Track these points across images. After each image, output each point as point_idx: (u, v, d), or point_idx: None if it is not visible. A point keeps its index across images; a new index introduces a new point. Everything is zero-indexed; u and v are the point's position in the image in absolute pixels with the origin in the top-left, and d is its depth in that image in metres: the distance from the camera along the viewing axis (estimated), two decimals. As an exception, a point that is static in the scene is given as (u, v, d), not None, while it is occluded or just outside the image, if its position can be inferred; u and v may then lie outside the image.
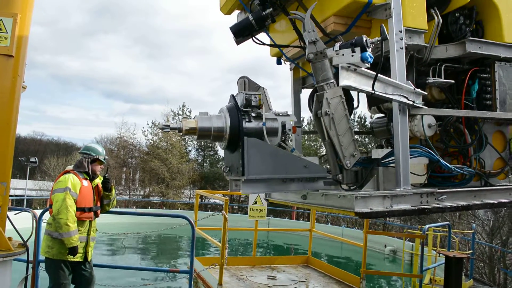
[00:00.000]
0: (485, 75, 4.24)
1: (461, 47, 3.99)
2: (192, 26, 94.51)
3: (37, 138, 63.23)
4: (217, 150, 41.73)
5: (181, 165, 35.91)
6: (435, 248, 11.00)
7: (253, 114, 3.80)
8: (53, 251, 5.31)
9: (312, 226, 9.24)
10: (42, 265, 5.64)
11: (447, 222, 11.48)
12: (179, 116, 40.61)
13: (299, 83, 5.28)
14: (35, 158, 26.60)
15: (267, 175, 3.65)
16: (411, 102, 3.60)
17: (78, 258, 5.41)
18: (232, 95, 3.93)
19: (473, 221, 21.76)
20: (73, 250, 5.27)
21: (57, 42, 74.70)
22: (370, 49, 3.22)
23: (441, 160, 3.88)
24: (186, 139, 40.95)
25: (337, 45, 3.29)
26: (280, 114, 4.00)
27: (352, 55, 3.19)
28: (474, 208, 3.96)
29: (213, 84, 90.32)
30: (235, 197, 34.16)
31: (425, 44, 3.81)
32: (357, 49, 3.17)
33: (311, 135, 33.89)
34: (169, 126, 3.69)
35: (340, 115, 3.41)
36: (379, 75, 3.39)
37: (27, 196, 27.33)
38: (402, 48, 3.60)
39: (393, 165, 3.77)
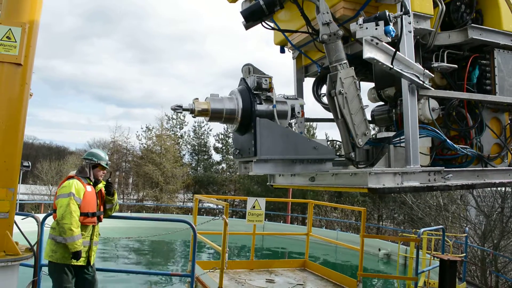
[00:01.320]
0: (485, 62, 4.40)
1: (463, 33, 4.15)
2: (185, 30, 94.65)
3: (28, 142, 62.85)
4: (211, 154, 41.83)
5: (175, 169, 35.89)
6: (430, 252, 11.16)
7: (263, 97, 3.90)
8: (56, 255, 5.38)
9: (309, 230, 9.35)
10: (44, 269, 5.71)
11: (441, 226, 11.64)
12: (173, 120, 40.66)
13: (301, 72, 5.38)
14: (28, 162, 26.47)
15: (278, 155, 3.75)
16: (421, 82, 3.73)
17: (81, 262, 5.48)
18: (243, 78, 4.02)
19: (465, 225, 21.99)
20: (77, 255, 5.34)
21: (50, 46, 74.61)
22: (392, 23, 3.33)
23: (448, 140, 4.05)
24: (180, 143, 40.97)
25: (360, 19, 3.39)
26: (290, 98, 4.11)
27: (376, 29, 3.29)
28: (477, 187, 4.16)
29: (206, 88, 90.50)
30: (229, 201, 34.20)
31: (431, 29, 3.94)
32: (381, 23, 3.28)
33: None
34: (181, 106, 3.68)
35: (353, 94, 3.55)
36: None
37: (19, 200, 27.16)
38: (410, 32, 3.73)
39: (402, 144, 3.91)
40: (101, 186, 5.95)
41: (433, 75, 3.91)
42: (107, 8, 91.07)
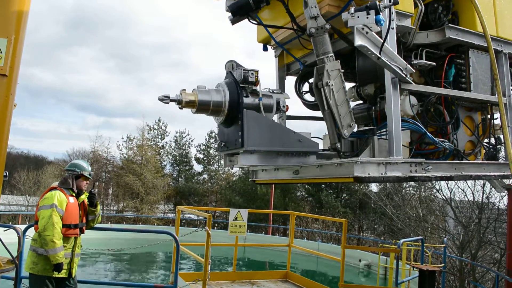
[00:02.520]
0: (460, 61, 4.60)
1: (441, 33, 4.35)
2: (169, 39, 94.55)
3: (6, 151, 61.49)
4: (193, 165, 41.65)
5: (156, 179, 35.63)
6: (409, 262, 11.31)
7: (249, 90, 3.97)
8: (38, 267, 5.31)
9: (291, 241, 9.41)
10: (25, 281, 5.62)
11: (420, 237, 11.83)
12: (154, 131, 40.43)
13: (283, 70, 5.48)
14: (6, 172, 25.96)
15: (264, 147, 3.81)
16: (404, 75, 3.87)
17: (62, 274, 5.42)
18: (230, 71, 4.06)
19: (444, 236, 22.32)
20: (58, 267, 5.28)
21: (29, 54, 73.52)
22: (382, 13, 3.47)
23: (428, 133, 4.22)
24: (162, 153, 40.72)
25: (352, 8, 3.52)
26: (275, 92, 4.18)
27: (367, 17, 3.42)
28: (455, 179, 4.28)
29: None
30: (210, 212, 34.04)
31: (412, 27, 4.09)
32: (372, 12, 3.41)
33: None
34: (168, 97, 3.70)
35: (339, 86, 3.68)
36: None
37: (-4, 211, 26.56)
38: (393, 28, 3.87)
39: (385, 137, 4.06)
40: (84, 197, 5.92)
41: (414, 70, 4.05)
42: (89, 16, 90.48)
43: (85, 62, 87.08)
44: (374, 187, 36.06)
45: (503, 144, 4.94)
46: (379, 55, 3.62)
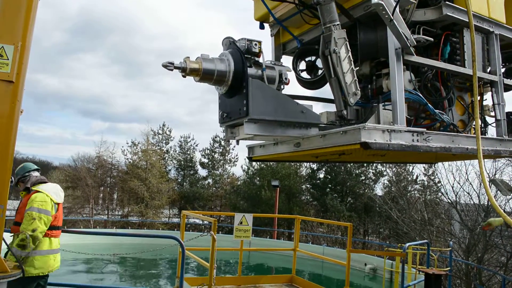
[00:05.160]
0: (455, 39, 4.67)
1: (437, 11, 4.39)
2: (173, 45, 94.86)
3: (11, 156, 61.76)
4: (197, 170, 41.67)
5: (160, 184, 35.70)
6: (415, 266, 11.27)
7: (252, 61, 3.98)
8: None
9: (296, 245, 9.39)
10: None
11: (425, 241, 11.79)
12: (159, 135, 40.54)
13: (279, 49, 5.49)
14: (12, 178, 26.08)
15: (268, 116, 3.82)
16: (409, 45, 3.93)
17: (43, 271, 5.46)
18: (233, 41, 4.07)
19: (450, 239, 22.22)
20: (25, 245, 5.23)
21: (35, 60, 73.83)
22: None
23: (428, 104, 4.30)
24: (166, 158, 40.80)
25: None
26: (277, 64, 4.20)
27: None
28: (453, 150, 4.33)
29: (191, 103, 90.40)
30: (215, 217, 34.07)
31: (413, 1, 4.12)
32: None
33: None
34: (173, 64, 3.66)
35: (345, 54, 3.73)
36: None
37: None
38: (394, 2, 3.93)
39: (387, 107, 4.14)
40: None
41: (415, 43, 4.10)
42: (94, 23, 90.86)
43: (90, 67, 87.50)
44: (379, 191, 36.03)
45: (490, 124, 5.14)
46: (392, 17, 3.67)
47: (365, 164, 34.83)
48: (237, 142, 4.44)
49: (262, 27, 5.43)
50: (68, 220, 31.90)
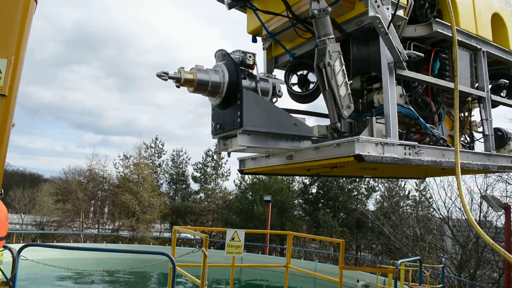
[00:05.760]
0: (444, 55, 4.74)
1: (428, 27, 4.46)
2: (166, 59, 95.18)
3: (1, 169, 61.08)
4: (189, 184, 41.46)
5: (152, 198, 35.46)
6: (407, 283, 11.21)
7: (246, 73, 3.98)
8: None
9: (288, 262, 9.33)
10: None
11: (418, 257, 11.76)
12: (151, 149, 40.41)
13: (271, 63, 5.51)
14: (1, 190, 25.77)
15: (262, 128, 3.82)
16: (402, 59, 3.96)
17: None
18: (227, 53, 4.07)
19: (442, 255, 22.20)
20: None
21: (28, 72, 73.71)
22: None
23: (420, 118, 4.34)
24: (158, 172, 40.60)
25: None
26: (270, 77, 4.21)
27: None
28: (443, 164, 4.34)
29: (185, 117, 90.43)
30: (207, 232, 33.83)
31: (405, 17, 4.16)
32: None
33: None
34: (167, 74, 3.61)
35: (339, 68, 3.75)
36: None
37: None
38: (400, 7, 3.97)
39: (380, 121, 4.17)
40: None
41: (407, 58, 4.13)
42: (90, 36, 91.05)
43: (84, 80, 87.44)
44: (371, 206, 36.05)
45: (478, 140, 5.22)
46: (387, 31, 3.71)
47: (357, 179, 34.89)
48: (228, 154, 4.43)
49: (254, 40, 5.46)
50: (58, 234, 31.53)
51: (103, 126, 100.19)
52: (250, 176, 33.88)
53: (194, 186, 41.27)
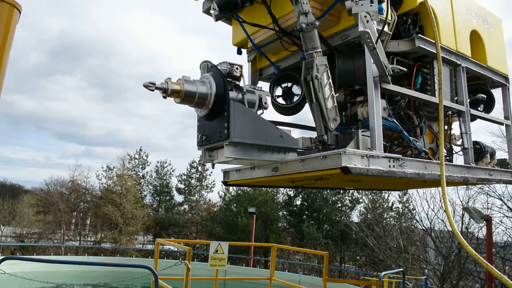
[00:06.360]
0: (426, 70, 4.85)
1: (410, 43, 4.53)
2: (152, 70, 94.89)
3: (-20, 179, 60.08)
4: (173, 195, 41.16)
5: (135, 210, 35.07)
6: (391, 295, 11.23)
7: (233, 85, 3.98)
8: None
9: (272, 274, 9.28)
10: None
11: (401, 269, 11.81)
12: (135, 160, 40.06)
13: (256, 75, 5.56)
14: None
15: (248, 140, 3.82)
16: (387, 73, 4.02)
17: None
18: (214, 65, 4.05)
19: (425, 266, 22.34)
20: None
21: (10, 81, 72.63)
22: (384, 3, 3.67)
23: (404, 131, 4.41)
24: (142, 183, 40.23)
25: None
26: (256, 88, 4.21)
27: (371, 5, 3.61)
28: (426, 176, 4.38)
29: (170, 128, 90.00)
30: (190, 245, 33.51)
31: (389, 32, 4.26)
32: (375, 0, 3.60)
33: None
34: (154, 84, 3.56)
35: (325, 81, 3.81)
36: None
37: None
38: (389, 22, 4.10)
39: (365, 134, 4.21)
40: None
41: (392, 73, 4.20)
42: (73, 46, 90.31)
43: (67, 90, 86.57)
44: (355, 218, 36.19)
45: (456, 152, 5.32)
46: (375, 46, 3.76)
47: (341, 191, 35.06)
48: (213, 166, 4.40)
49: (239, 52, 5.49)
50: (38, 246, 30.92)
51: (86, 136, 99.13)
52: (234, 187, 33.78)
53: (178, 198, 41.00)
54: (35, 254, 26.98)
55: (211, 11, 4.74)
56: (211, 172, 40.45)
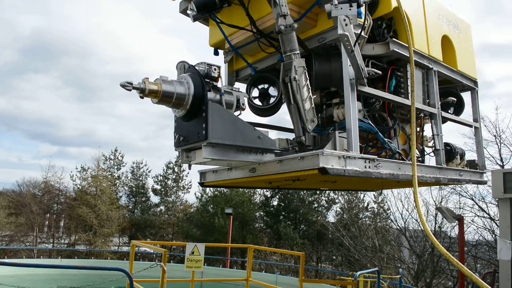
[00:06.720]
0: (399, 74, 4.96)
1: (385, 46, 4.64)
2: (128, 70, 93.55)
3: None
4: (149, 196, 40.73)
5: (110, 211, 34.59)
6: (366, 294, 11.39)
7: (211, 85, 3.97)
8: None
9: (249, 275, 9.30)
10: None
11: (376, 268, 11.98)
12: (110, 161, 39.51)
13: (232, 76, 5.59)
14: None
15: (227, 141, 3.82)
16: (363, 76, 4.09)
17: None
18: (191, 65, 4.02)
19: (399, 265, 22.71)
20: None
21: (-21, 80, 70.47)
22: (362, 7, 3.76)
23: (379, 133, 4.51)
24: (117, 184, 39.70)
25: (335, 0, 3.74)
26: (234, 89, 4.20)
27: (350, 9, 3.67)
28: (400, 177, 4.48)
29: (146, 128, 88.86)
30: (167, 246, 33.26)
31: (365, 36, 4.32)
32: (354, 4, 3.66)
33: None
34: (131, 84, 3.48)
35: (303, 83, 3.87)
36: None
37: None
38: (366, 26, 4.18)
39: (341, 135, 4.28)
40: None
41: (367, 75, 4.28)
42: (48, 44, 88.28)
43: (41, 89, 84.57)
44: (331, 218, 36.53)
45: (428, 154, 5.44)
46: (353, 48, 3.83)
47: (318, 192, 35.34)
48: (189, 167, 4.37)
49: (216, 53, 5.49)
50: (9, 249, 30.16)
51: (60, 137, 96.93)
52: (211, 188, 33.67)
53: (154, 199, 40.58)
54: (6, 257, 26.32)
55: (189, 12, 4.72)
56: (188, 173, 40.24)
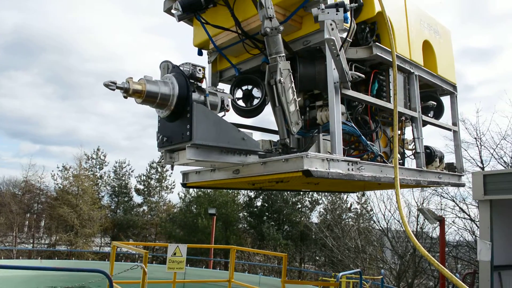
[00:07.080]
0: (382, 77, 5.03)
1: (368, 50, 4.70)
2: (112, 69, 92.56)
3: None
4: (132, 196, 40.37)
5: (92, 211, 34.16)
6: (348, 295, 11.46)
7: (195, 86, 3.95)
8: None
9: (231, 276, 9.28)
10: None
11: (358, 269, 12.07)
12: (92, 160, 39.06)
13: (216, 77, 5.59)
14: None
15: (211, 142, 3.81)
16: (347, 79, 4.10)
17: None
18: (176, 65, 3.99)
19: (382, 266, 22.92)
20: None
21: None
22: (349, 12, 3.81)
23: (362, 136, 4.57)
24: (99, 184, 39.26)
25: (322, 5, 3.77)
26: (218, 90, 4.19)
27: (337, 14, 3.71)
28: (382, 180, 4.54)
29: (129, 128, 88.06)
30: (148, 247, 33.02)
31: (349, 40, 4.34)
32: (341, 9, 3.70)
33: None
34: (115, 83, 3.43)
35: (288, 85, 3.91)
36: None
37: None
38: (353, 29, 4.23)
39: (327, 137, 4.30)
40: None
41: (351, 79, 4.31)
42: (28, 41, 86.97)
43: (22, 87, 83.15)
44: (315, 219, 36.70)
45: (408, 156, 5.55)
46: (339, 53, 3.85)
47: (301, 193, 35.48)
48: (172, 167, 4.35)
49: (200, 53, 5.48)
50: (-12, 250, 29.62)
51: (41, 135, 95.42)
52: (195, 189, 33.54)
53: (137, 199, 40.18)
54: (-16, 258, 25.83)
55: (174, 11, 4.71)
56: (171, 173, 40.02)
